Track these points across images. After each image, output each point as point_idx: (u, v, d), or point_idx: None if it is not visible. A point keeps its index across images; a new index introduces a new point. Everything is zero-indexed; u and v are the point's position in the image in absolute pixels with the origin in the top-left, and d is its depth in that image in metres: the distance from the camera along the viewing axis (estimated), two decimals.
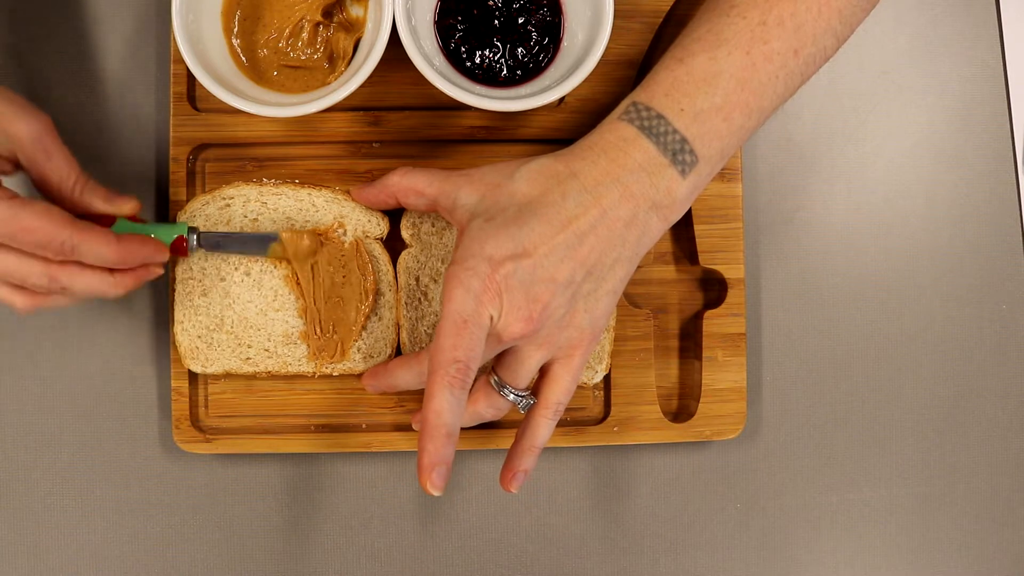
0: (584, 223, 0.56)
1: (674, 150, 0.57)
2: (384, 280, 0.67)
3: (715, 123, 0.58)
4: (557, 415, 0.61)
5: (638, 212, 0.57)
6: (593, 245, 0.57)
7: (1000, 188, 0.74)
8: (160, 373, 0.70)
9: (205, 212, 0.66)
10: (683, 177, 0.57)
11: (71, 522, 0.69)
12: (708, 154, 0.58)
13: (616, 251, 0.57)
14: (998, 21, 0.75)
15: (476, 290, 0.55)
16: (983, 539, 0.73)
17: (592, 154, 0.58)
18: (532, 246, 0.56)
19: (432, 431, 0.55)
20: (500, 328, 0.56)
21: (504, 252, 0.56)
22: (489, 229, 0.57)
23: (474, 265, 0.56)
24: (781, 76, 0.58)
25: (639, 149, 0.57)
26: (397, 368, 0.64)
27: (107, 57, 0.70)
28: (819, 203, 0.73)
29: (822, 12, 0.58)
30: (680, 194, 0.58)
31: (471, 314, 0.55)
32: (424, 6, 0.65)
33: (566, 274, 0.56)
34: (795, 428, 0.73)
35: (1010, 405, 0.73)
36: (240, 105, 0.61)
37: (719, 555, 0.72)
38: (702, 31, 0.59)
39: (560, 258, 0.56)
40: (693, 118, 0.57)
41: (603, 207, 0.57)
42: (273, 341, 0.67)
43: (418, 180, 0.62)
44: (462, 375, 0.55)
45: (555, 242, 0.56)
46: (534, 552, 0.71)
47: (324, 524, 0.70)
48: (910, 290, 0.73)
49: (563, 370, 0.60)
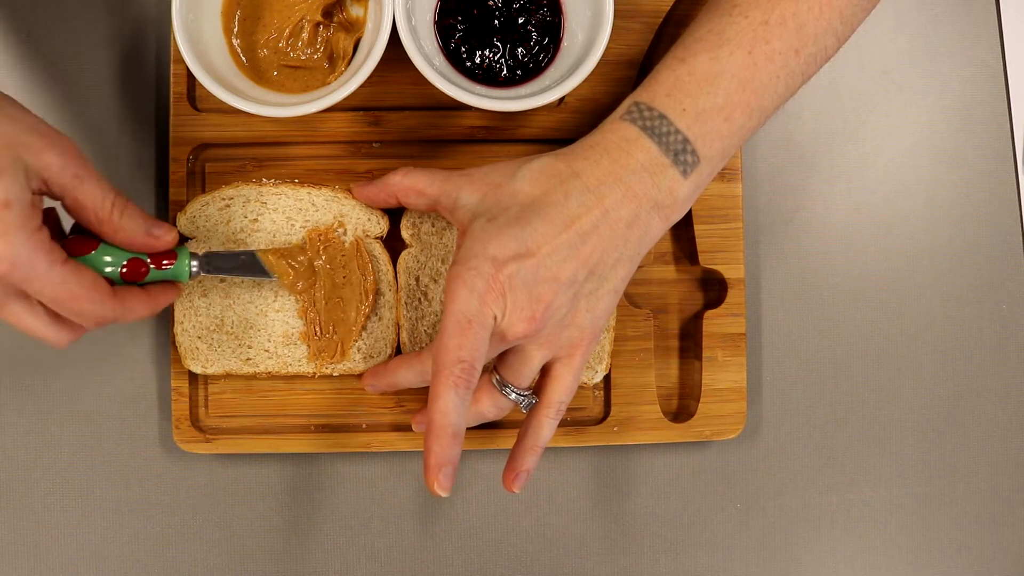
0: (587, 223, 0.57)
1: (676, 150, 0.57)
2: (384, 280, 0.67)
3: (717, 123, 0.58)
4: (559, 414, 0.61)
5: (640, 212, 0.57)
6: (595, 245, 0.57)
7: (1000, 188, 0.74)
8: (160, 373, 0.70)
9: (205, 213, 0.66)
10: (685, 177, 0.58)
11: (71, 522, 0.69)
12: (709, 154, 0.58)
13: (618, 251, 0.58)
14: (998, 21, 0.75)
15: (480, 290, 0.55)
16: (983, 539, 0.73)
17: (594, 154, 0.58)
18: (535, 246, 0.56)
19: (438, 431, 0.56)
20: (503, 327, 0.57)
21: (507, 252, 0.56)
22: (492, 229, 0.57)
23: (477, 265, 0.56)
24: (782, 76, 0.58)
25: (641, 149, 0.57)
26: (398, 367, 0.64)
27: (107, 57, 0.70)
28: (819, 203, 0.73)
29: (823, 12, 0.58)
30: (682, 194, 0.58)
31: (475, 314, 0.55)
32: (424, 6, 0.65)
33: (569, 274, 0.57)
34: (795, 428, 0.73)
35: (1010, 405, 0.73)
36: (240, 105, 0.61)
37: (719, 555, 0.72)
38: (704, 31, 0.59)
39: (563, 258, 0.56)
40: (695, 118, 0.57)
41: (605, 207, 0.57)
42: (273, 341, 0.67)
43: (419, 180, 0.62)
44: (467, 375, 0.55)
45: (558, 242, 0.56)
46: (534, 552, 0.71)
47: (324, 524, 0.70)
48: (910, 290, 0.73)
49: (565, 369, 0.60)
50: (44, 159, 0.53)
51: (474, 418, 0.62)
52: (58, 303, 0.54)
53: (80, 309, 0.54)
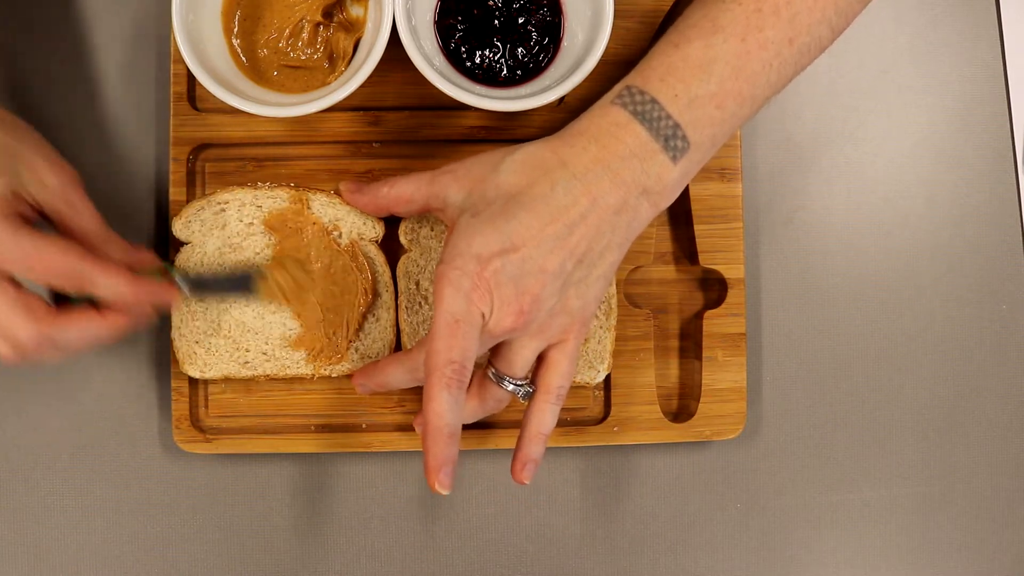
0: (574, 213, 0.56)
1: (666, 136, 0.57)
2: (381, 281, 0.67)
3: (708, 110, 0.57)
4: (560, 400, 0.61)
5: (628, 198, 0.57)
6: (583, 234, 0.57)
7: (1000, 188, 0.74)
8: (160, 373, 0.70)
9: (200, 217, 0.66)
10: (674, 163, 0.57)
11: (71, 522, 0.69)
12: (700, 140, 0.58)
13: (606, 238, 0.57)
14: (998, 21, 0.75)
15: (466, 289, 0.55)
16: (983, 539, 0.73)
17: (582, 140, 0.58)
18: (520, 240, 0.56)
19: (435, 432, 0.56)
20: (492, 324, 0.57)
21: (492, 248, 0.56)
22: (476, 225, 0.57)
23: (463, 264, 0.56)
24: (775, 65, 0.58)
25: (631, 134, 0.57)
26: (388, 366, 0.64)
27: (107, 57, 0.70)
28: (819, 203, 0.73)
29: (817, 2, 0.58)
30: (670, 180, 0.58)
31: (463, 313, 0.55)
32: (424, 6, 0.65)
33: (556, 264, 0.56)
34: (795, 428, 0.73)
35: (1010, 405, 0.73)
36: (240, 105, 0.61)
37: (719, 555, 0.72)
38: (698, 16, 0.58)
39: (549, 249, 0.56)
40: (687, 104, 0.57)
41: (593, 195, 0.56)
42: (271, 344, 0.67)
43: (405, 189, 0.62)
44: (458, 375, 0.55)
45: (544, 234, 0.56)
46: (534, 552, 0.71)
47: (324, 524, 0.70)
48: (910, 290, 0.73)
49: (560, 355, 0.60)
50: (41, 176, 0.58)
51: (475, 414, 0.62)
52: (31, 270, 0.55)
53: (56, 270, 0.56)
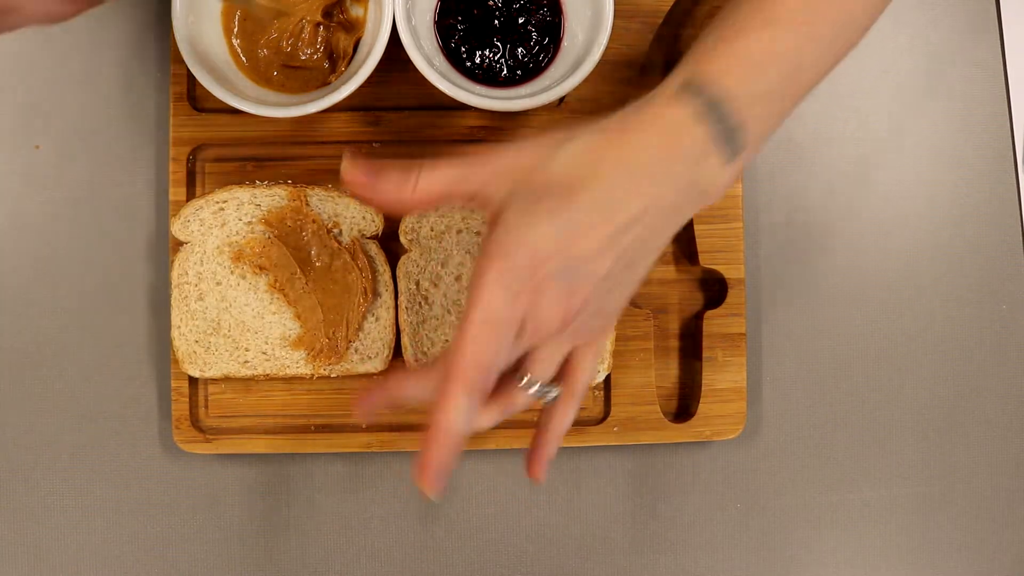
0: (631, 214, 0.52)
1: (726, 137, 0.53)
2: (381, 281, 0.67)
3: (766, 108, 0.54)
4: (582, 399, 0.58)
5: (683, 200, 0.53)
6: (637, 235, 0.52)
7: (1000, 188, 0.74)
8: (160, 373, 0.70)
9: (200, 217, 0.66)
10: (731, 164, 0.54)
11: (71, 522, 0.69)
12: (755, 139, 0.55)
13: (657, 240, 0.54)
14: (998, 21, 0.75)
15: (515, 289, 0.51)
16: (983, 539, 0.73)
17: (643, 136, 0.53)
18: (575, 239, 0.51)
19: (444, 437, 0.52)
20: (533, 329, 0.52)
21: (547, 247, 0.51)
22: (528, 221, 0.51)
23: (513, 262, 0.51)
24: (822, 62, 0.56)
25: (692, 133, 0.53)
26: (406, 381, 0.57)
27: (107, 57, 0.70)
28: (819, 203, 0.73)
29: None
30: (724, 181, 0.54)
31: (505, 315, 0.51)
32: (424, 6, 0.65)
33: (607, 267, 0.52)
34: (795, 428, 0.73)
35: (1010, 405, 0.73)
36: (240, 105, 0.61)
37: (719, 555, 0.72)
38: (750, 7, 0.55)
39: (603, 250, 0.52)
40: (748, 103, 0.54)
41: (651, 196, 0.52)
42: (271, 344, 0.67)
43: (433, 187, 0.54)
44: (484, 381, 0.51)
45: (599, 233, 0.51)
46: (534, 552, 0.71)
47: (324, 524, 0.70)
48: (910, 290, 0.73)
49: (589, 354, 0.57)
50: None
51: (495, 419, 0.57)
52: None
53: None
